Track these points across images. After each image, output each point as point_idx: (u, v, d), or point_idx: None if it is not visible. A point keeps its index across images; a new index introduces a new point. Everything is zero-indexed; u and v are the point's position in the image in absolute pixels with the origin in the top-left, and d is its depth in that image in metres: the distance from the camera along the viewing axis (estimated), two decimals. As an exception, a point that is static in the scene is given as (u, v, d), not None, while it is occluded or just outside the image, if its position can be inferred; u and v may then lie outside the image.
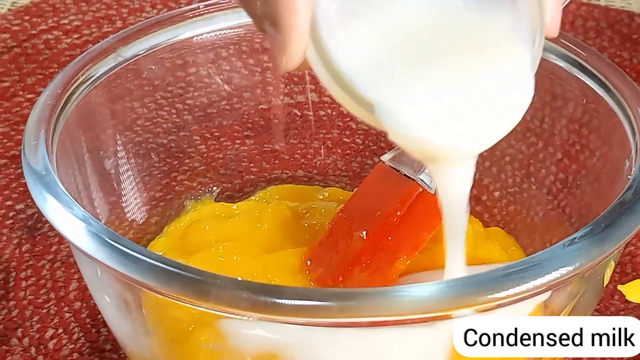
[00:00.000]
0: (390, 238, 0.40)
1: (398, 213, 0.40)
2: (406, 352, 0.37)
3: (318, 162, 0.52)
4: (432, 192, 0.41)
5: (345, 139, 0.53)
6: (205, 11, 0.47)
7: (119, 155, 0.46)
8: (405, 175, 0.41)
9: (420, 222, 0.41)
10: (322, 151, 0.52)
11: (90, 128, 0.44)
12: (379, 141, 0.53)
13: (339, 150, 0.53)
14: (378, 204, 0.41)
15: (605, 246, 0.34)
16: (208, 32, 0.48)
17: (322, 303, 0.31)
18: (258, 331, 0.36)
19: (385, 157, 0.42)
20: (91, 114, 0.44)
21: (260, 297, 0.31)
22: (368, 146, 0.53)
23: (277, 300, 0.31)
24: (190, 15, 0.47)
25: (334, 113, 0.53)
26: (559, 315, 0.38)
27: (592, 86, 0.43)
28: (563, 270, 0.33)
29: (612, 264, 0.38)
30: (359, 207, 0.42)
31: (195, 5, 0.47)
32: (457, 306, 0.32)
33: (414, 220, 0.41)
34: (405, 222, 0.40)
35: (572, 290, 0.37)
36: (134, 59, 0.46)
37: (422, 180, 0.41)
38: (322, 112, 0.53)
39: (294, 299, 0.31)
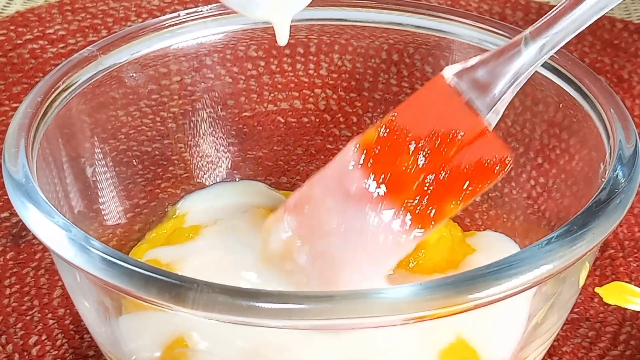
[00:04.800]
0: (443, 173, 0.37)
1: (454, 147, 0.37)
2: (390, 354, 0.37)
3: (301, 168, 0.53)
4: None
5: (329, 145, 0.53)
6: (187, 19, 0.48)
7: (101, 162, 0.46)
8: (467, 103, 0.37)
9: (475, 169, 0.37)
10: (305, 158, 0.53)
11: (71, 136, 0.44)
12: (361, 147, 0.53)
13: (322, 157, 0.53)
14: (434, 125, 0.37)
15: (580, 247, 0.34)
16: (190, 40, 0.49)
17: (298, 306, 0.32)
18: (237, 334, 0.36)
19: (449, 72, 0.38)
20: (72, 121, 0.44)
21: (237, 301, 0.31)
22: (351, 152, 0.53)
23: (254, 304, 0.31)
24: (172, 23, 0.48)
25: (317, 120, 0.53)
26: (535, 316, 0.38)
27: (569, 91, 0.43)
28: (540, 271, 0.33)
29: (587, 265, 0.39)
30: (414, 119, 0.37)
31: (177, 14, 0.48)
32: (433, 307, 0.32)
33: (469, 163, 0.37)
34: (460, 161, 0.37)
35: (547, 292, 0.38)
36: (116, 66, 0.46)
37: (488, 122, 0.37)
38: (305, 119, 0.53)
39: (270, 302, 0.31)
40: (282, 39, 0.41)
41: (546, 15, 0.37)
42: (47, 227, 0.35)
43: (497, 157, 0.37)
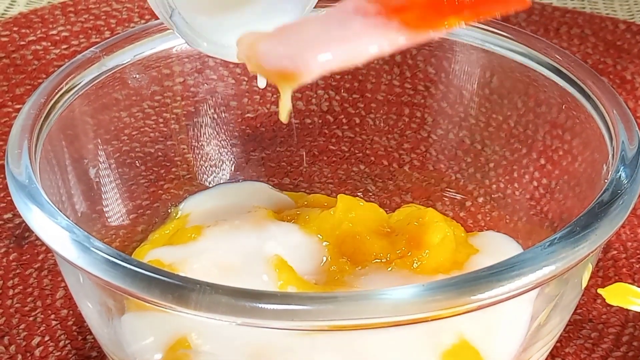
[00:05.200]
0: None
1: None
2: (392, 355, 0.37)
3: (304, 169, 0.53)
4: None
5: (331, 147, 0.53)
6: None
7: (104, 164, 0.46)
8: None
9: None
10: (308, 159, 0.53)
11: (74, 137, 0.44)
12: (364, 148, 0.53)
13: (325, 158, 0.53)
14: None
15: (583, 248, 0.34)
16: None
17: (301, 307, 0.32)
18: (240, 336, 0.36)
19: None
20: (75, 123, 0.44)
21: (240, 302, 0.31)
22: (354, 153, 0.53)
23: (257, 305, 0.31)
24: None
25: (320, 121, 0.53)
26: (538, 317, 0.38)
27: (572, 92, 0.43)
28: (542, 272, 0.33)
29: (590, 266, 0.39)
30: None
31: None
32: (435, 308, 0.32)
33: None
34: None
35: (550, 293, 0.38)
36: (119, 68, 0.46)
37: None
38: (308, 120, 0.53)
39: (273, 303, 0.31)
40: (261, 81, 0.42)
41: None
42: (50, 228, 0.35)
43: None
